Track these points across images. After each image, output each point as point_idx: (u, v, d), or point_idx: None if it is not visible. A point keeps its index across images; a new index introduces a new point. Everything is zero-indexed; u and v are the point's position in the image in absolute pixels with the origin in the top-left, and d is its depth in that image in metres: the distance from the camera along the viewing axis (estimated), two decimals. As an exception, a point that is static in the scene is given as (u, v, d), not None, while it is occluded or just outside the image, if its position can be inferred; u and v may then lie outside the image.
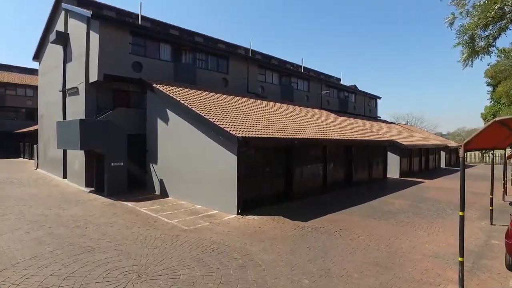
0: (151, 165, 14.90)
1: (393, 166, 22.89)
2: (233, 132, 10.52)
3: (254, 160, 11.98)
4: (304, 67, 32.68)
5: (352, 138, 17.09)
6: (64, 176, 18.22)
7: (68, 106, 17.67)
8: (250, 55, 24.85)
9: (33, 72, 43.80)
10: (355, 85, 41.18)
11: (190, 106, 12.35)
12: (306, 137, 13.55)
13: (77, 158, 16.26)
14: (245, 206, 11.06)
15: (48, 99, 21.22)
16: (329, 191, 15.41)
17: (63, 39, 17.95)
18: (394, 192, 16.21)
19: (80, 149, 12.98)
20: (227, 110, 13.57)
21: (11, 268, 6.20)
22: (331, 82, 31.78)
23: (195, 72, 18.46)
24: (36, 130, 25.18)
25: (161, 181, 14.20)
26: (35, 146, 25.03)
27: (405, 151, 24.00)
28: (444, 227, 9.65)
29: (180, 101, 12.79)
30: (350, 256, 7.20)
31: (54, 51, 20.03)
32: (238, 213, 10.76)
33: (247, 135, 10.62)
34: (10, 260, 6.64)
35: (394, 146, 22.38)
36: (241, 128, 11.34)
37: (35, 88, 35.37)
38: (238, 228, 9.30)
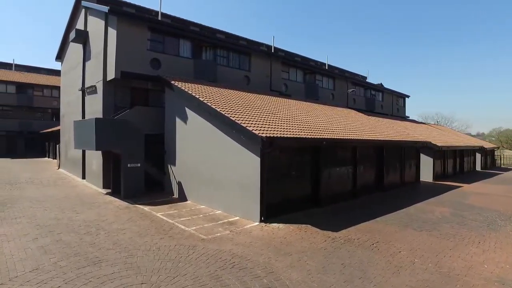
0: (169, 166, 14.21)
1: (426, 168, 21.29)
2: (256, 132, 9.59)
3: (279, 162, 11.00)
4: (328, 65, 31.38)
5: (384, 139, 15.79)
6: (83, 177, 17.89)
7: (87, 105, 17.31)
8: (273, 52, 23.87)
9: (60, 73, 44.64)
10: (381, 83, 39.35)
11: (209, 104, 11.53)
12: (335, 137, 12.43)
13: (95, 159, 15.84)
14: (269, 212, 10.10)
15: (69, 99, 21.08)
16: (359, 195, 14.20)
17: (83, 37, 17.62)
18: (431, 197, 14.78)
19: (96, 150, 12.44)
20: (250, 108, 12.66)
21: (7, 283, 5.52)
22: (358, 80, 30.30)
23: (215, 69, 17.68)
24: (59, 130, 25.23)
25: (179, 184, 13.47)
26: (57, 146, 25.10)
27: (439, 153, 22.32)
28: (499, 243, 8.31)
29: (199, 98, 11.99)
30: (394, 277, 6.09)
31: (74, 50, 19.82)
32: (261, 221, 9.82)
33: (271, 135, 9.65)
34: (9, 272, 5.98)
35: (427, 147, 20.78)
36: (264, 127, 10.39)
37: (60, 88, 35.95)
38: (262, 238, 8.35)
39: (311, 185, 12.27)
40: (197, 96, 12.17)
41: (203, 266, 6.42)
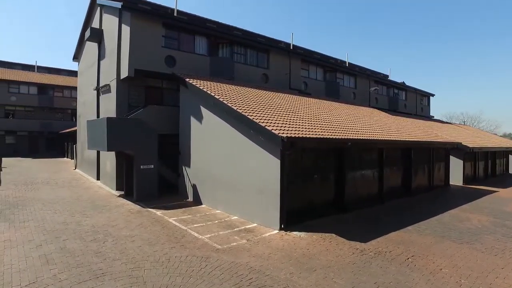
0: (183, 168, 13.60)
1: (456, 171, 19.89)
2: (276, 132, 8.80)
3: (300, 165, 10.17)
4: (348, 63, 30.19)
5: (412, 139, 14.68)
6: (98, 178, 17.56)
7: (101, 104, 16.97)
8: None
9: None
10: (403, 81, 37.75)
11: (226, 102, 10.82)
12: (361, 137, 11.50)
13: (109, 160, 15.42)
14: (290, 219, 9.29)
15: (85, 99, 20.89)
16: (385, 200, 13.17)
17: (98, 35, 17.29)
18: (465, 203, 13.57)
19: (107, 150, 11.94)
20: (268, 107, 11.88)
21: (-2, 300, 4.94)
22: (380, 78, 29.00)
23: (232, 67, 16.98)
24: (76, 131, 25.19)
25: (194, 186, 12.83)
26: (74, 146, 25.05)
27: (469, 155, 20.85)
28: (557, 259, 7.21)
29: (215, 96, 11.30)
30: (439, 302, 5.17)
31: (90, 49, 19.58)
32: (281, 228, 9.01)
33: (292, 135, 8.84)
34: (4, 286, 5.42)
35: (457, 149, 19.40)
36: (284, 127, 9.58)
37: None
38: (282, 249, 7.55)
39: (334, 189, 11.38)
40: (213, 94, 11.48)
41: (216, 282, 5.69)
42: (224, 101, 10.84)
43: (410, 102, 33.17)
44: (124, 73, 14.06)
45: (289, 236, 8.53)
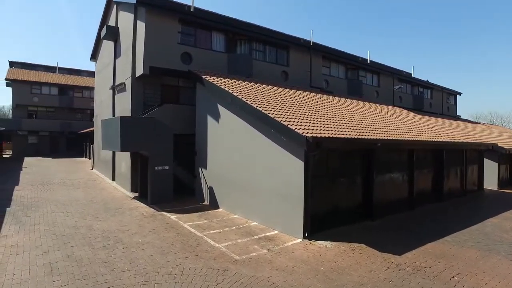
0: (200, 169, 13.00)
1: (490, 174, 18.49)
2: (300, 131, 8.03)
3: (324, 167, 9.35)
4: (370, 60, 28.97)
5: (445, 140, 13.58)
6: (113, 179, 17.23)
7: (116, 104, 16.63)
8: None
9: (98, 75, 45.65)
10: (427, 80, 36.10)
11: (244, 99, 10.13)
12: (391, 137, 10.58)
13: (124, 160, 15.02)
14: (314, 226, 8.51)
15: (102, 98, 20.69)
16: (416, 206, 12.16)
17: (114, 33, 16.98)
18: (505, 210, 12.35)
19: (121, 150, 11.47)
20: (290, 105, 11.11)
21: (-9, 319, 4.40)
22: (404, 76, 27.66)
23: (251, 64, 16.29)
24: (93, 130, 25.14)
25: (210, 189, 12.20)
26: (91, 146, 24.98)
27: (505, 157, 19.41)
28: None
29: (232, 93, 10.63)
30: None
31: (107, 48, 19.34)
32: (305, 237, 8.24)
33: (318, 135, 8.05)
34: (0, 301, 4.90)
35: (491, 150, 18.03)
36: (308, 126, 8.79)
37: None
38: (307, 261, 6.77)
39: (361, 194, 10.49)
40: (231, 91, 10.81)
41: (234, 302, 4.98)
42: (243, 99, 10.15)
43: (436, 101, 31.60)
44: (139, 71, 13.61)
45: (314, 246, 7.74)
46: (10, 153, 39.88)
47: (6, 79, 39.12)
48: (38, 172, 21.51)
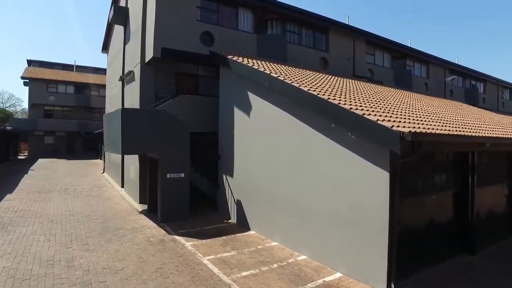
0: (224, 177, 10.15)
1: None
2: (389, 125, 5.03)
3: (410, 181, 6.30)
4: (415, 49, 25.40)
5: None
6: (122, 185, 14.69)
7: (126, 97, 14.10)
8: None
9: (115, 72, 44.04)
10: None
11: (289, 82, 7.21)
12: (504, 135, 7.39)
13: (133, 163, 12.40)
14: (401, 269, 5.48)
15: (112, 93, 18.31)
16: (519, 230, 8.87)
17: (123, 15, 14.44)
18: None
19: (121, 153, 8.83)
20: (350, 93, 8.12)
21: None
22: (457, 66, 23.97)
23: (285, 47, 13.35)
24: (106, 130, 22.87)
25: (238, 203, 9.34)
26: (102, 146, 22.70)
27: None
28: None
29: (270, 73, 7.73)
30: None
31: (117, 35, 16.90)
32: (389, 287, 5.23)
33: (418, 130, 5.02)
34: None
35: None
36: (390, 118, 5.78)
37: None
38: None
39: (455, 216, 7.35)
40: (268, 72, 7.90)
41: None
42: (287, 81, 7.23)
43: (490, 95, 27.60)
44: (149, 54, 10.95)
45: (415, 312, 4.71)
46: (26, 154, 38.65)
47: (22, 77, 37.92)
48: (43, 176, 19.33)
